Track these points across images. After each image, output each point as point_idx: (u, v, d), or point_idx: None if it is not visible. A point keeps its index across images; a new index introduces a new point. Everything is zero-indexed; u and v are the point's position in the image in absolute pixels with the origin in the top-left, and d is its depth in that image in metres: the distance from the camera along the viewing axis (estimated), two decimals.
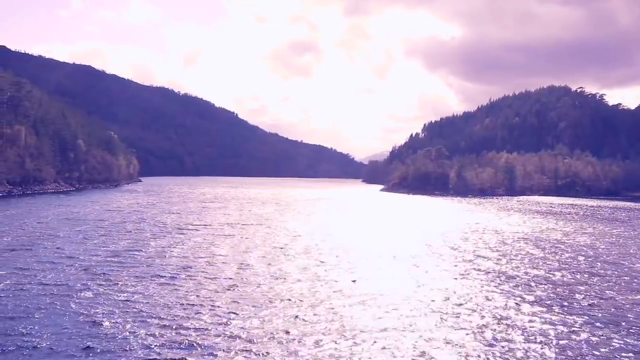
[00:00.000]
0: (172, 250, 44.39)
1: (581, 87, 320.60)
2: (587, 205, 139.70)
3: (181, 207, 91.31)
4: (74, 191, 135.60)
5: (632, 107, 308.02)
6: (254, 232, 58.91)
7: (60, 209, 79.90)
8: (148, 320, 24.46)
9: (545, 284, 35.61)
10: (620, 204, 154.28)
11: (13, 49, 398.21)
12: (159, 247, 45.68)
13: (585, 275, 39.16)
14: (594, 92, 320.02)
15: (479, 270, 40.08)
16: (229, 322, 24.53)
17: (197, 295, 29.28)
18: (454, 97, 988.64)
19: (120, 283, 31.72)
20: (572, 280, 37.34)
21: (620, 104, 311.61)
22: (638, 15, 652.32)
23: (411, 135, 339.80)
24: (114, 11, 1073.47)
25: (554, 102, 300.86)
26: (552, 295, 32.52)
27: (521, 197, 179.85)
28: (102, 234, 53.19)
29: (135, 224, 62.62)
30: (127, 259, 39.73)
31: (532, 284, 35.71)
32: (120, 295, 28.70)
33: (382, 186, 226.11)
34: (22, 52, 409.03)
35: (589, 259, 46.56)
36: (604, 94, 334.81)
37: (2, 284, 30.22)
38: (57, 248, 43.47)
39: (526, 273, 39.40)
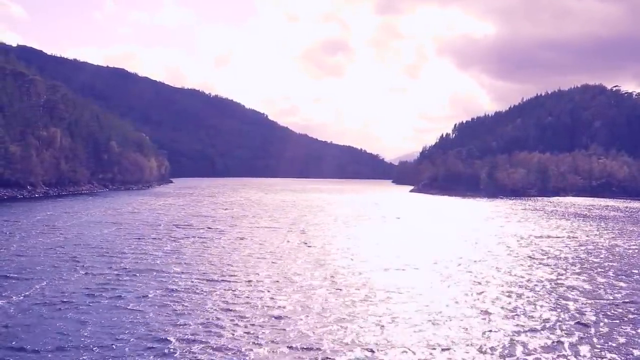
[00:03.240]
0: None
1: (617, 86, 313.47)
2: (626, 207, 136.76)
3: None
4: (107, 192, 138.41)
5: None
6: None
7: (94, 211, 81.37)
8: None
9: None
10: None
11: (49, 53, 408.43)
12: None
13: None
14: (630, 91, 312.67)
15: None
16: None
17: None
18: (485, 97, 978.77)
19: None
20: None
21: None
22: None
23: (442, 135, 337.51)
24: (146, 12, 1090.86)
25: (588, 101, 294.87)
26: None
27: (554, 198, 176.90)
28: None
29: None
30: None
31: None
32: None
33: (411, 187, 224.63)
34: (57, 55, 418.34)
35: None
36: None
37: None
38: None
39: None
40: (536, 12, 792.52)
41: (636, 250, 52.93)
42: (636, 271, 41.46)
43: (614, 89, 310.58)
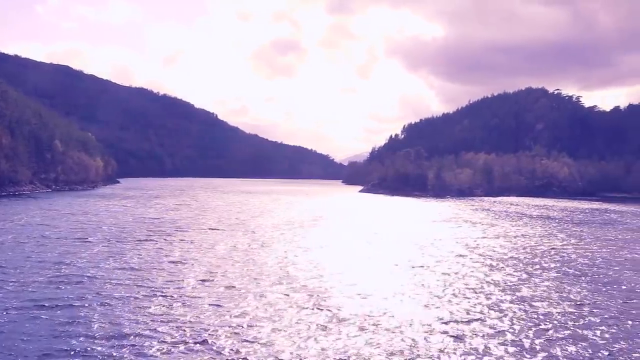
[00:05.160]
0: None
1: (558, 89, 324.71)
2: (558, 207, 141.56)
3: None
4: (50, 192, 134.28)
5: (609, 108, 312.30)
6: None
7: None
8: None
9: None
10: (594, 205, 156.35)
11: None
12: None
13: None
14: (570, 94, 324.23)
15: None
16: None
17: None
18: (434, 98, 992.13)
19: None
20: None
21: (596, 105, 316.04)
22: (619, 17, 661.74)
23: (391, 136, 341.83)
24: (91, 7, 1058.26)
25: (531, 104, 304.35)
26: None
27: (498, 198, 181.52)
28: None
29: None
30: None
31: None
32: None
33: (361, 187, 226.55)
34: None
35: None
36: (580, 96, 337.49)
37: None
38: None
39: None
40: (485, 15, 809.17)
41: (575, 249, 55.07)
42: (581, 270, 43.19)
43: (556, 92, 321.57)
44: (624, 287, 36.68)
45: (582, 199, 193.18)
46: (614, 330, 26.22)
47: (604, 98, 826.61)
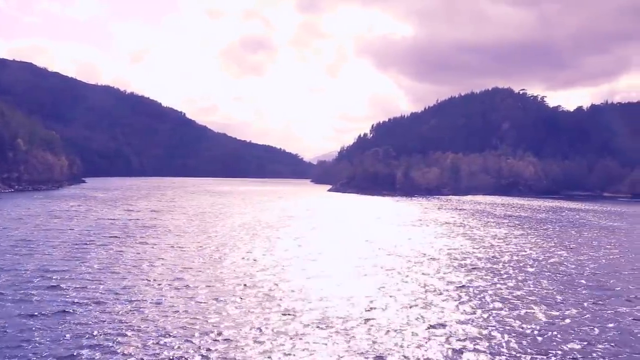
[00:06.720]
0: None
1: (523, 89, 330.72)
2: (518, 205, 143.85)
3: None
4: (12, 192, 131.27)
5: (573, 108, 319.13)
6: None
7: None
8: None
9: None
10: (558, 203, 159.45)
11: None
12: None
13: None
14: (535, 94, 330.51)
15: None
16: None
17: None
18: (404, 97, 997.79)
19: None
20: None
21: (560, 105, 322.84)
22: (581, 19, 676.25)
23: (360, 135, 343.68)
24: (56, 2, 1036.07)
25: (497, 104, 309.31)
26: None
27: (465, 197, 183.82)
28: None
29: None
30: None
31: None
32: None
33: (330, 186, 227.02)
34: None
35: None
36: (545, 96, 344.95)
37: None
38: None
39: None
40: (454, 15, 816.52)
41: (541, 250, 56.12)
42: (551, 271, 44.00)
43: (521, 92, 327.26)
44: (590, 285, 37.53)
45: (547, 197, 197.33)
46: (585, 328, 26.81)
47: (568, 98, 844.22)
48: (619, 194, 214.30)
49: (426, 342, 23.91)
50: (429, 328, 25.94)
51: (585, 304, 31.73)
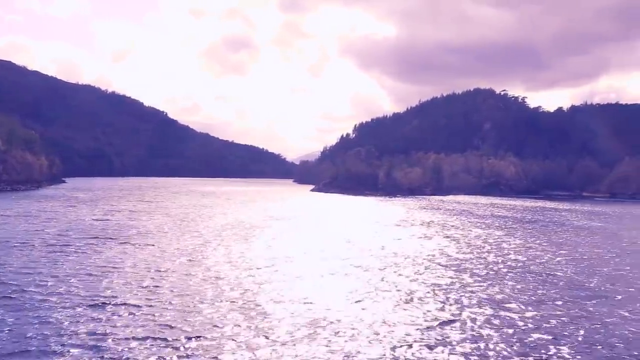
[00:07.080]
0: None
1: (504, 90, 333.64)
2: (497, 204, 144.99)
3: None
4: None
5: (553, 109, 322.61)
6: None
7: None
8: None
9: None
10: (538, 203, 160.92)
11: None
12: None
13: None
14: (516, 95, 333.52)
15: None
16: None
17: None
18: (386, 98, 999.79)
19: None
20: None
21: (540, 106, 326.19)
22: (561, 21, 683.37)
23: (342, 135, 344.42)
24: (37, 0, 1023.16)
25: (479, 104, 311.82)
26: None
27: (447, 197, 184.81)
28: None
29: None
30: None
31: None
32: None
33: (313, 186, 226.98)
34: None
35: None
36: (526, 97, 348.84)
37: None
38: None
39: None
40: (436, 16, 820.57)
41: (524, 250, 56.57)
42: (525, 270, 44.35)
43: (503, 92, 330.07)
44: (571, 284, 37.87)
45: (527, 197, 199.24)
46: (568, 327, 27.00)
47: (549, 99, 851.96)
48: (597, 194, 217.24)
49: (408, 343, 23.92)
50: (410, 328, 25.96)
51: (567, 304, 32.01)
